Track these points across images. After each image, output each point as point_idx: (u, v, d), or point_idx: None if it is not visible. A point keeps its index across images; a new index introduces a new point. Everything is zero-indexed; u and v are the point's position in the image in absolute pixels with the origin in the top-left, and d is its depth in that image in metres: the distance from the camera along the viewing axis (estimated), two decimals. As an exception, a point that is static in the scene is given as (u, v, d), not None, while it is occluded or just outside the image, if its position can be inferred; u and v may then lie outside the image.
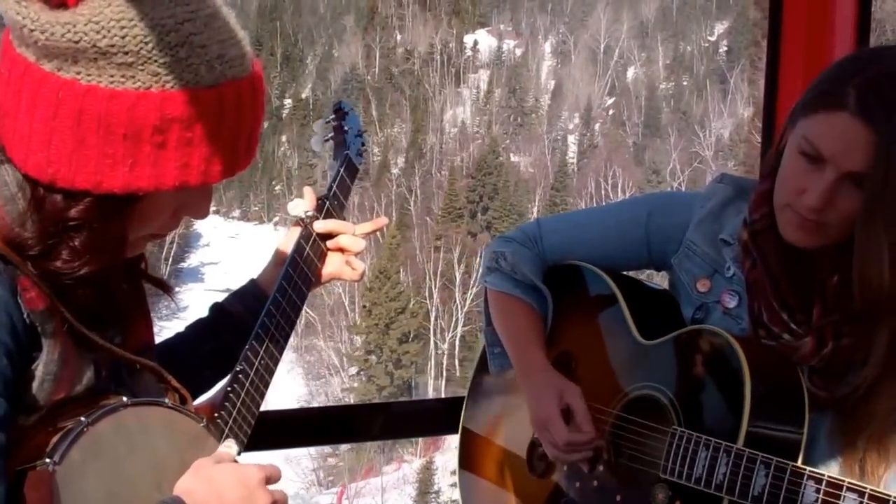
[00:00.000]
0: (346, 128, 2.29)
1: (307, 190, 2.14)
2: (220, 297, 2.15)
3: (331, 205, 2.14)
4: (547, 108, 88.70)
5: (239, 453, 1.80)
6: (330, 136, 2.31)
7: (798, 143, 2.03)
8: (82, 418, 1.57)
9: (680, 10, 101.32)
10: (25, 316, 1.54)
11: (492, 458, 2.60)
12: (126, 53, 1.48)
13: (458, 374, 60.37)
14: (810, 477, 1.95)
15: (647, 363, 2.27)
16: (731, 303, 2.23)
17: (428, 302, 60.43)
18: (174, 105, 1.51)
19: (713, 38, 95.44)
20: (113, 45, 1.48)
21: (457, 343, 60.39)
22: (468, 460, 2.66)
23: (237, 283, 2.22)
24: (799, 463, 2.01)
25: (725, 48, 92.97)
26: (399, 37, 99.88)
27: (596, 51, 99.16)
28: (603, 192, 70.37)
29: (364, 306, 58.76)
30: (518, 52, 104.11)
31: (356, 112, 2.36)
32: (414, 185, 73.90)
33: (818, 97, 2.01)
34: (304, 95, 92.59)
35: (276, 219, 76.21)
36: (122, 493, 1.62)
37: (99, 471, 1.59)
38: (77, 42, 1.47)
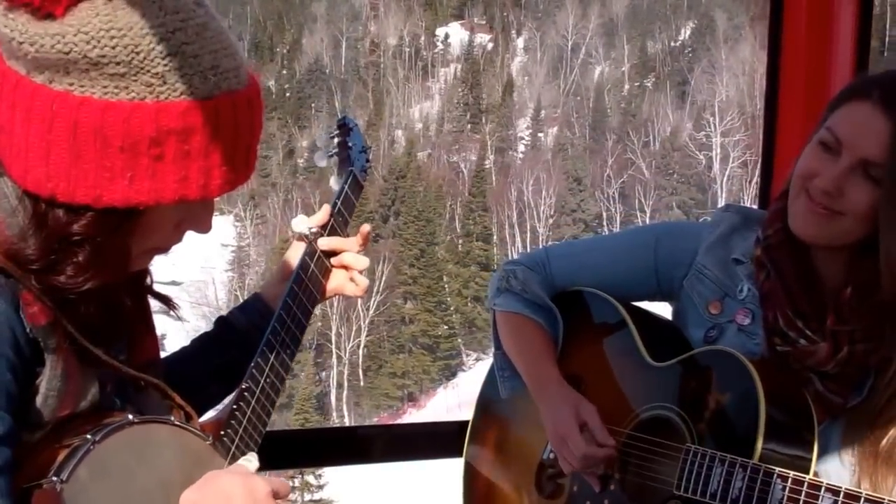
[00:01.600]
0: (350, 143, 2.27)
1: (324, 208, 2.14)
2: (168, 290, 2.06)
3: (335, 221, 2.13)
4: (500, 106, 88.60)
5: (259, 469, 1.79)
6: (334, 151, 2.29)
7: (820, 136, 2.11)
8: (88, 436, 1.56)
9: (650, 7, 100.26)
10: (28, 330, 1.53)
11: (499, 481, 2.61)
12: (118, 63, 1.47)
13: (361, 384, 61.25)
14: (828, 489, 1.97)
15: (659, 384, 2.30)
16: (746, 320, 2.26)
17: (329, 310, 60.23)
18: (169, 116, 1.50)
19: (680, 39, 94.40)
20: (104, 56, 1.46)
21: (360, 353, 61.17)
22: (474, 483, 2.67)
23: (185, 275, 2.33)
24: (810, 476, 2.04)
25: (690, 49, 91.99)
26: (372, 28, 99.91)
27: (563, 47, 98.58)
28: (526, 199, 70.65)
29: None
30: (490, 46, 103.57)
31: (360, 127, 2.35)
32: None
33: (841, 95, 2.13)
34: (269, 84, 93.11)
35: (236, 210, 75.62)
36: None
37: (106, 489, 1.58)
38: (67, 53, 1.45)
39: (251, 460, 1.79)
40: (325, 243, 2.10)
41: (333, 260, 2.13)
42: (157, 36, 1.48)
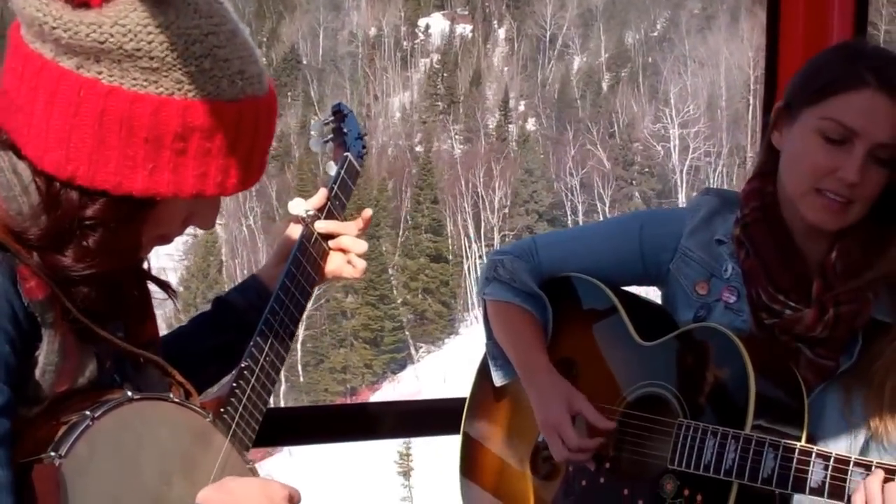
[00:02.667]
0: (345, 130, 2.30)
1: (321, 191, 2.15)
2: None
3: (332, 205, 2.15)
4: (468, 98, 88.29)
5: (246, 434, 1.85)
6: (329, 137, 2.31)
7: (818, 128, 2.12)
8: (87, 412, 1.57)
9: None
10: (26, 304, 1.54)
11: (494, 463, 2.63)
12: (152, 58, 1.50)
13: (301, 379, 61.27)
14: (818, 455, 2.00)
15: (649, 363, 2.33)
16: (732, 298, 2.29)
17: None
18: (196, 114, 1.54)
19: (657, 29, 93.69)
20: (139, 49, 1.50)
21: (298, 348, 61.22)
22: (469, 467, 2.70)
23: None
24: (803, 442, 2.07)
25: (667, 39, 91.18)
26: (355, 17, 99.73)
27: (542, 38, 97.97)
28: (479, 193, 70.38)
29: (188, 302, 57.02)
30: (470, 37, 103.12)
31: (354, 113, 2.37)
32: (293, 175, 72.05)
33: (829, 84, 2.13)
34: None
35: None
36: (129, 487, 1.62)
37: (105, 465, 1.59)
38: (103, 42, 1.49)
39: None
40: (322, 226, 2.13)
41: (332, 243, 2.15)
42: (191, 36, 1.54)
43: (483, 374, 2.67)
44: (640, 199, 74.65)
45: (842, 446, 2.14)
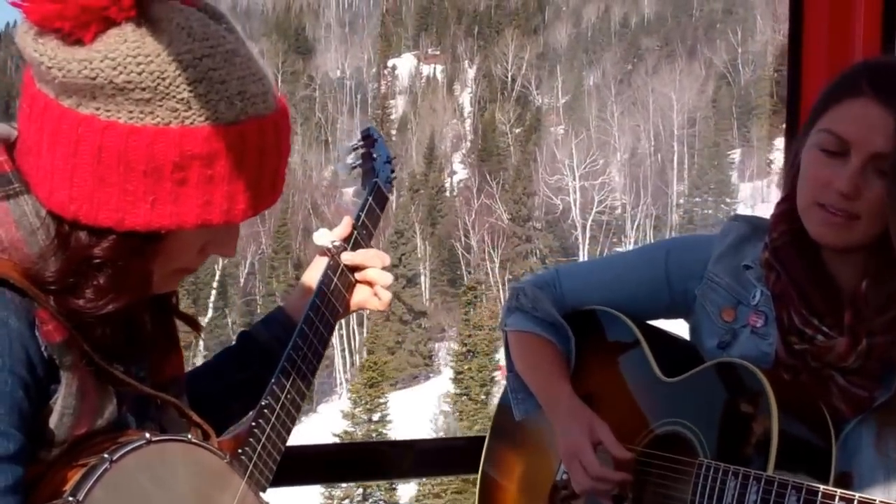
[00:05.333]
0: (374, 155, 2.24)
1: (344, 221, 2.11)
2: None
3: (359, 234, 2.10)
4: (389, 143, 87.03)
5: (264, 475, 1.83)
6: (358, 163, 2.26)
7: (817, 140, 2.11)
8: (105, 455, 1.55)
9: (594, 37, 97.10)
10: (43, 349, 1.53)
11: (511, 501, 2.61)
12: (143, 89, 1.47)
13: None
14: (842, 499, 1.95)
15: (671, 400, 2.29)
16: (759, 322, 2.24)
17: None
18: (194, 141, 1.50)
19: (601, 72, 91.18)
20: (130, 82, 1.47)
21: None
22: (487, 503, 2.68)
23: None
24: (830, 484, 2.03)
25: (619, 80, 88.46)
26: (317, 60, 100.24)
27: (504, 79, 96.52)
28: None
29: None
30: (440, 77, 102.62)
31: (384, 139, 2.34)
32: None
33: (831, 94, 2.13)
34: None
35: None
36: None
37: None
38: (94, 78, 1.47)
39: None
40: (349, 258, 2.07)
41: (358, 275, 2.09)
42: (183, 62, 1.49)
43: (503, 409, 2.63)
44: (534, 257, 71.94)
45: (877, 485, 2.08)
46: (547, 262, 71.56)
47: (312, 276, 2.07)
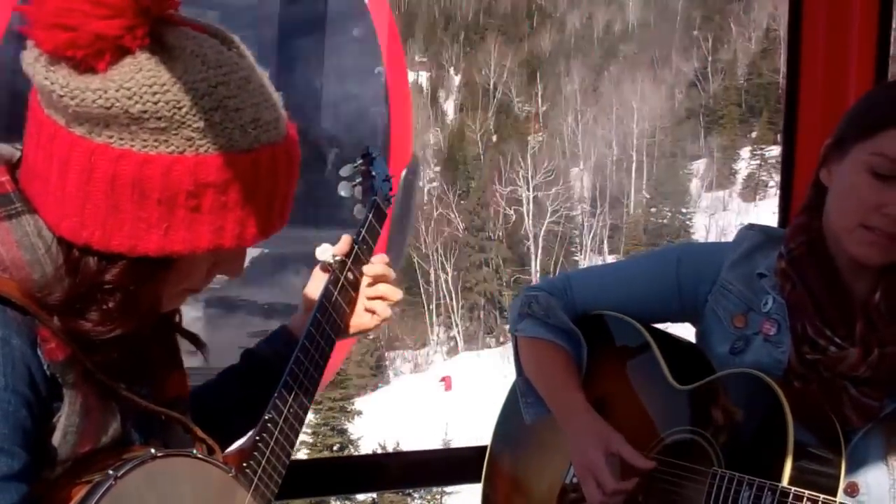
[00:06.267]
0: (373, 172, 2.27)
1: (344, 237, 2.11)
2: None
3: (359, 250, 2.11)
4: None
5: (269, 488, 1.82)
6: (358, 181, 2.28)
7: (867, 163, 2.09)
8: (110, 471, 1.54)
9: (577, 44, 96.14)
10: (46, 367, 1.52)
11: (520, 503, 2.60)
12: (159, 119, 1.45)
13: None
14: None
15: (684, 408, 2.28)
16: (772, 330, 2.24)
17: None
18: (208, 170, 1.49)
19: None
20: (146, 111, 1.45)
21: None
22: None
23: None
24: (840, 490, 2.03)
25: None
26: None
27: (486, 86, 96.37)
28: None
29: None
30: (426, 84, 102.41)
31: (383, 157, 2.36)
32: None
33: (881, 118, 2.10)
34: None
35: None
36: None
37: None
38: (109, 108, 1.45)
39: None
40: (370, 270, 2.10)
41: (370, 290, 2.12)
42: (199, 90, 1.48)
43: (508, 412, 2.63)
44: (486, 267, 72.08)
45: (884, 495, 2.09)
46: (500, 272, 71.83)
47: (312, 289, 2.08)
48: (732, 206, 77.73)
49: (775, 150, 77.89)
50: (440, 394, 58.69)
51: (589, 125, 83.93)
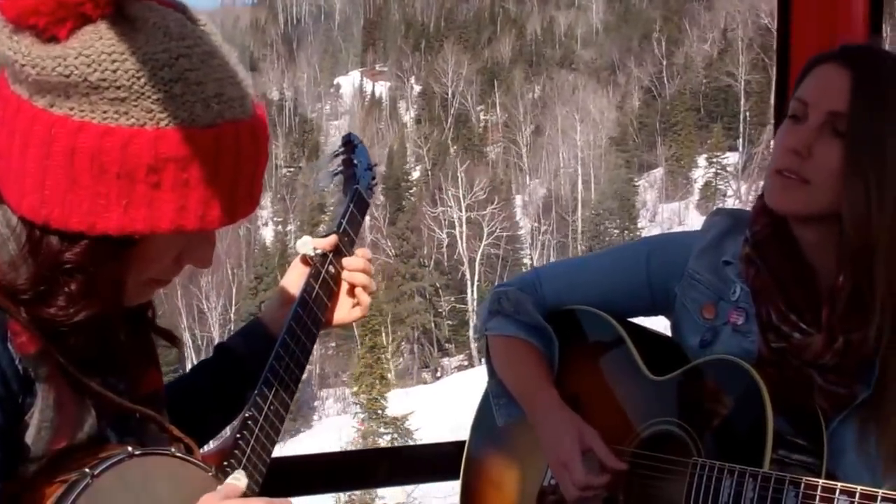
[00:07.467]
0: (355, 161, 2.21)
1: (332, 237, 2.06)
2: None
3: (341, 241, 2.07)
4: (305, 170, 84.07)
5: (250, 487, 1.75)
6: (339, 169, 2.22)
7: (791, 110, 2.12)
8: (87, 469, 1.51)
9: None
10: (17, 362, 1.49)
11: None
12: (118, 88, 1.43)
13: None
14: (843, 492, 1.92)
15: (661, 399, 2.25)
16: (740, 319, 2.21)
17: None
18: (169, 144, 1.46)
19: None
20: (104, 79, 1.43)
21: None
22: None
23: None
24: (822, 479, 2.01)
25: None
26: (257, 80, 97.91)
27: (445, 97, 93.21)
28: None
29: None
30: (385, 96, 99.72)
31: (365, 145, 2.30)
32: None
33: (805, 67, 2.14)
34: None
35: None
36: None
37: None
38: (68, 76, 1.43)
39: (239, 479, 1.73)
40: (352, 264, 2.06)
41: (346, 277, 2.07)
42: (159, 61, 1.45)
43: (482, 415, 2.57)
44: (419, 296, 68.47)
45: (863, 484, 2.02)
46: (433, 300, 67.93)
47: (290, 280, 2.04)
48: (689, 219, 72.94)
49: (732, 158, 74.28)
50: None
51: (545, 136, 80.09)
